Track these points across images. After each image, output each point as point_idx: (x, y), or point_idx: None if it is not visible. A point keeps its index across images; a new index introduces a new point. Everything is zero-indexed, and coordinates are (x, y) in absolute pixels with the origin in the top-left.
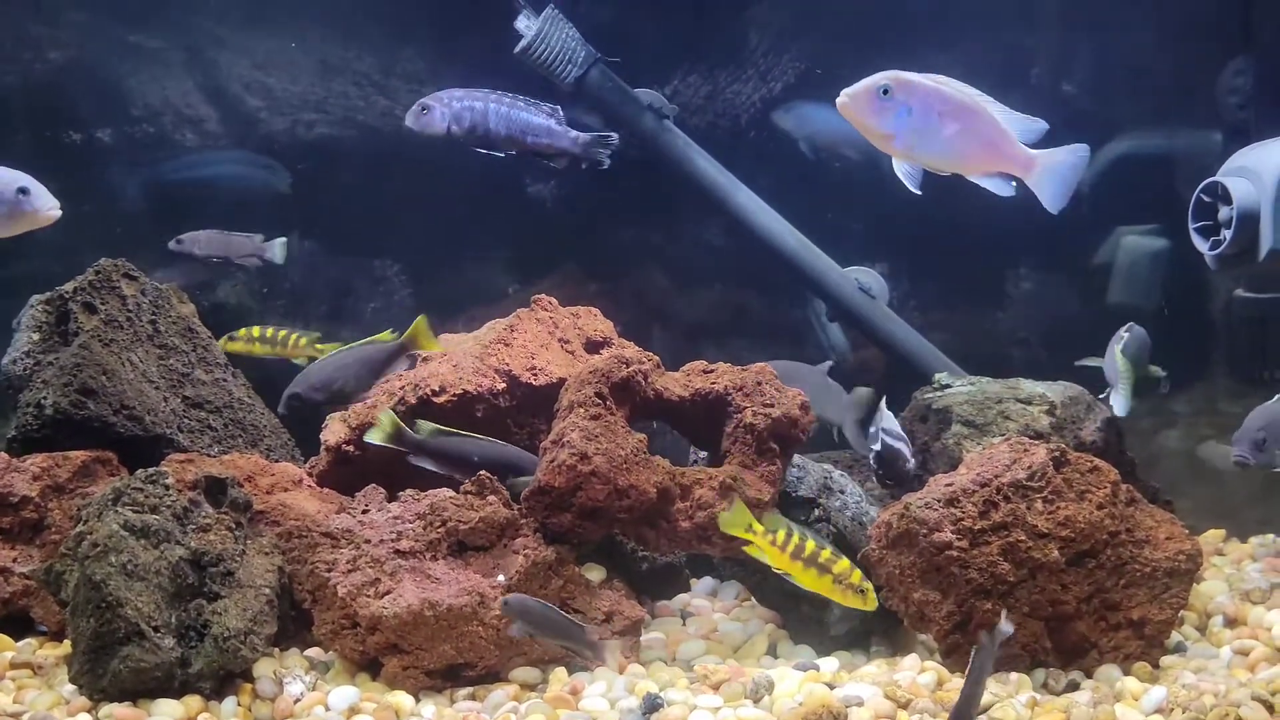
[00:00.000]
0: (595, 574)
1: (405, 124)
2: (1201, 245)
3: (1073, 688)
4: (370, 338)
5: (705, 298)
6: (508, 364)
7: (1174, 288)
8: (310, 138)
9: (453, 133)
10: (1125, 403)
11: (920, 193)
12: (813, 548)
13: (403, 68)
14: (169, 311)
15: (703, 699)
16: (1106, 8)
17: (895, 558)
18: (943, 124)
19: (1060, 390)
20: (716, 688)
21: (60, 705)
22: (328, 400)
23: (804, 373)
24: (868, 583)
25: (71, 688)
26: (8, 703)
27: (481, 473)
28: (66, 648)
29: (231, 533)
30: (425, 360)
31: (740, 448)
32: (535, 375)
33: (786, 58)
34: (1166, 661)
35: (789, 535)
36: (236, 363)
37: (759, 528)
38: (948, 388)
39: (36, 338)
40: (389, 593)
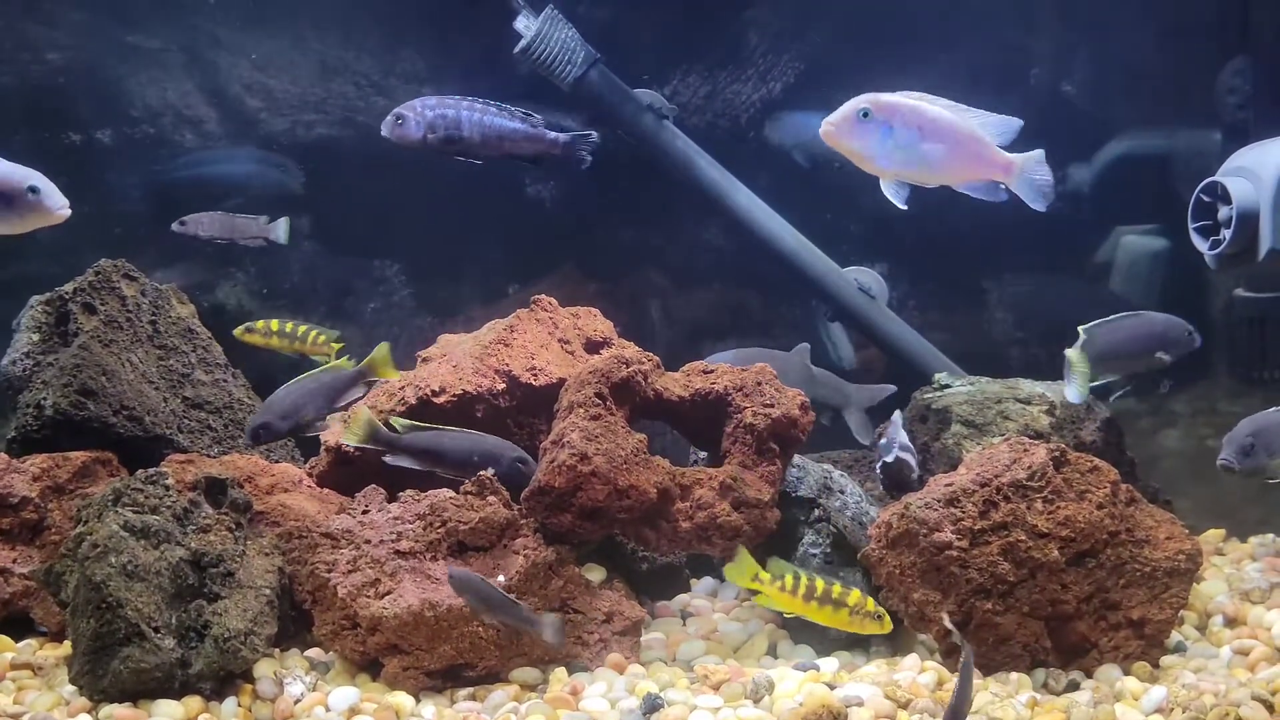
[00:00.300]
0: (595, 574)
1: (381, 134)
2: (1201, 245)
3: (1073, 687)
4: (327, 364)
5: (704, 298)
6: (507, 364)
7: (1174, 287)
8: (310, 138)
9: (428, 141)
10: (1075, 392)
11: (906, 208)
12: (822, 586)
13: (402, 68)
14: (169, 312)
15: (703, 699)
16: (1105, 7)
17: (895, 558)
18: (924, 140)
19: (1060, 390)
20: (717, 688)
21: (60, 706)
22: (293, 430)
23: (779, 360)
24: (880, 607)
25: (72, 688)
26: (8, 703)
27: (481, 473)
28: (67, 648)
29: (231, 533)
30: (425, 360)
31: (740, 448)
32: (535, 375)
33: (786, 58)
34: (1166, 661)
35: (796, 579)
36: (242, 356)
37: (765, 576)
38: (947, 388)
39: (36, 338)
40: (389, 593)
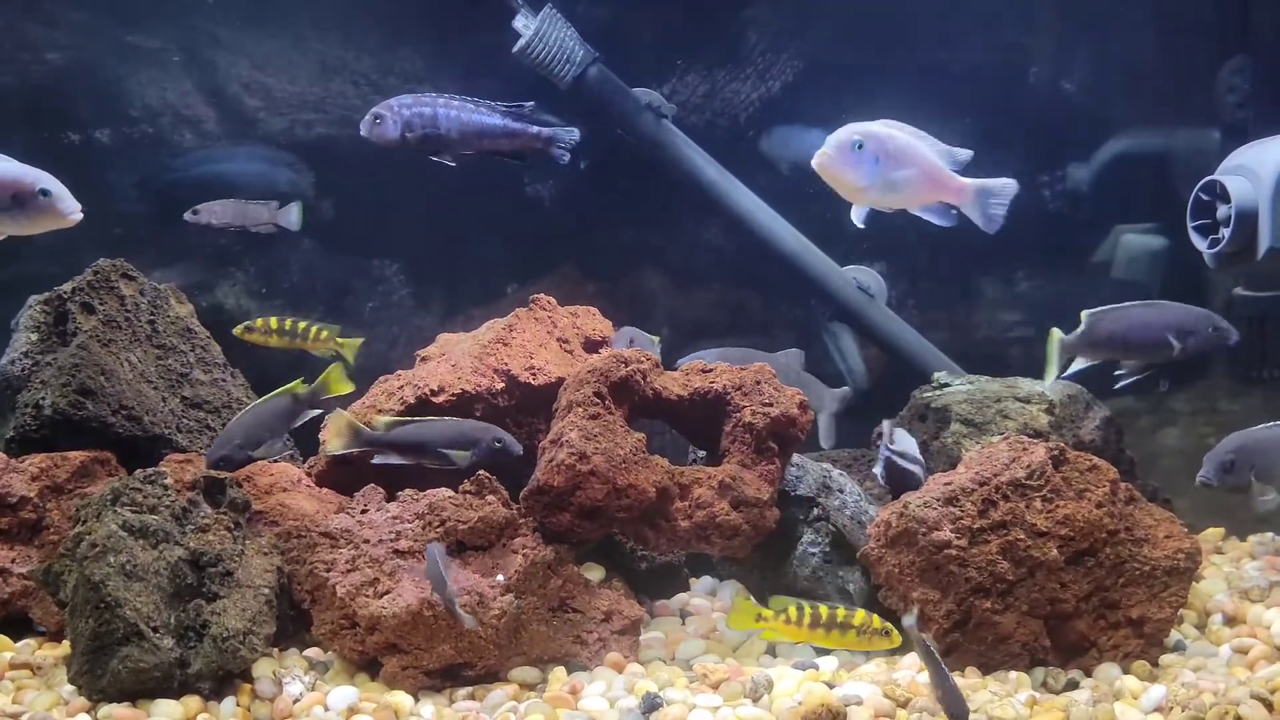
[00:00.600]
0: (594, 573)
1: (360, 134)
2: (1200, 244)
3: (1072, 686)
4: (281, 388)
5: (704, 297)
6: (506, 364)
7: (1172, 286)
8: (309, 138)
9: (406, 139)
10: (1047, 379)
11: (864, 227)
12: (826, 612)
13: (401, 67)
14: (167, 311)
15: (702, 698)
16: (1105, 6)
17: (894, 556)
18: (900, 168)
19: (1059, 389)
20: (716, 687)
21: (59, 706)
22: (250, 458)
23: (770, 361)
24: (887, 622)
25: (70, 688)
26: (7, 703)
27: (480, 473)
28: (65, 648)
29: (230, 533)
30: (424, 360)
31: (739, 447)
32: (534, 375)
33: (785, 56)
34: (1166, 660)
35: (800, 610)
36: (240, 355)
37: (768, 613)
38: (946, 386)
39: (35, 338)
40: (388, 592)
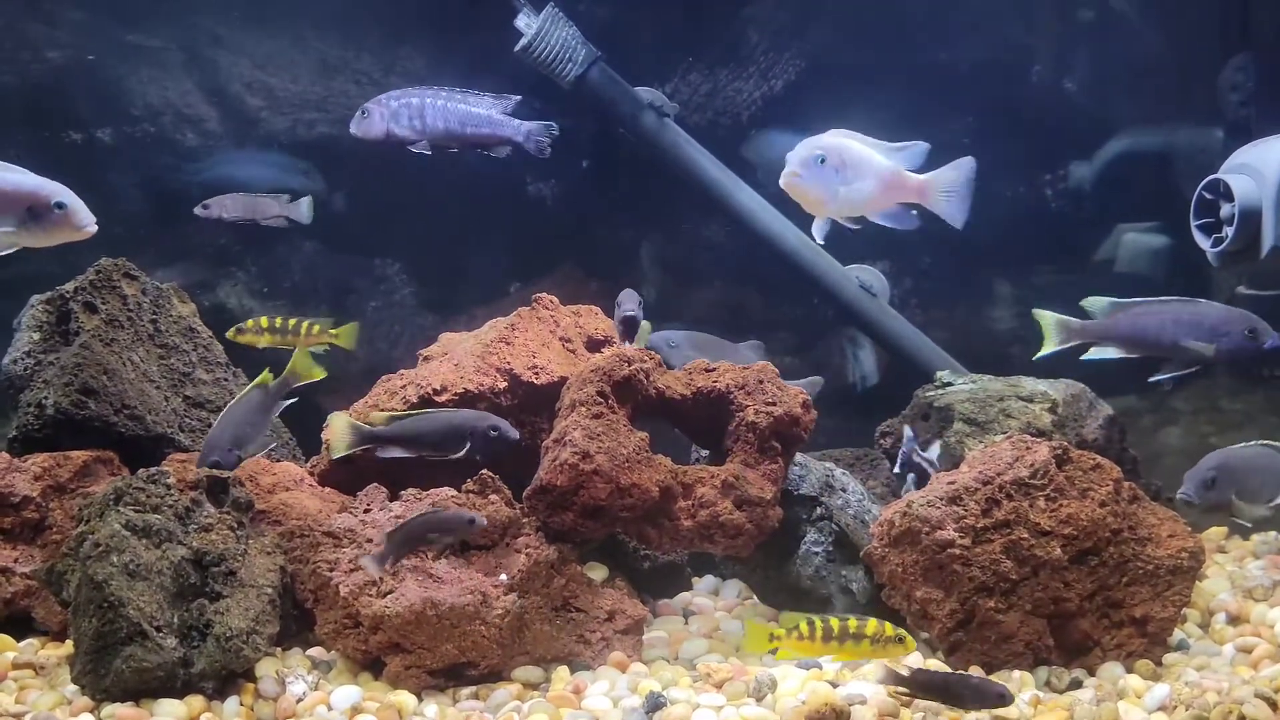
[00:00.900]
0: (598, 573)
1: (350, 130)
2: (1203, 242)
3: (1076, 685)
4: (250, 384)
5: (706, 296)
6: (509, 363)
7: (1175, 285)
8: (310, 137)
9: (393, 132)
10: (1043, 354)
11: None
12: (838, 625)
13: (402, 66)
14: (170, 311)
15: (705, 697)
16: (1107, 5)
17: (898, 556)
18: (859, 177)
19: (1062, 388)
20: (719, 686)
21: (63, 705)
22: (241, 458)
23: (727, 350)
24: (900, 629)
25: (74, 688)
26: (10, 703)
27: (484, 472)
28: (68, 648)
29: (233, 532)
30: (426, 359)
31: (742, 446)
32: (537, 374)
33: (787, 55)
34: (1169, 659)
35: (811, 625)
36: (242, 355)
37: (780, 632)
38: (949, 385)
39: (37, 337)
40: (391, 592)
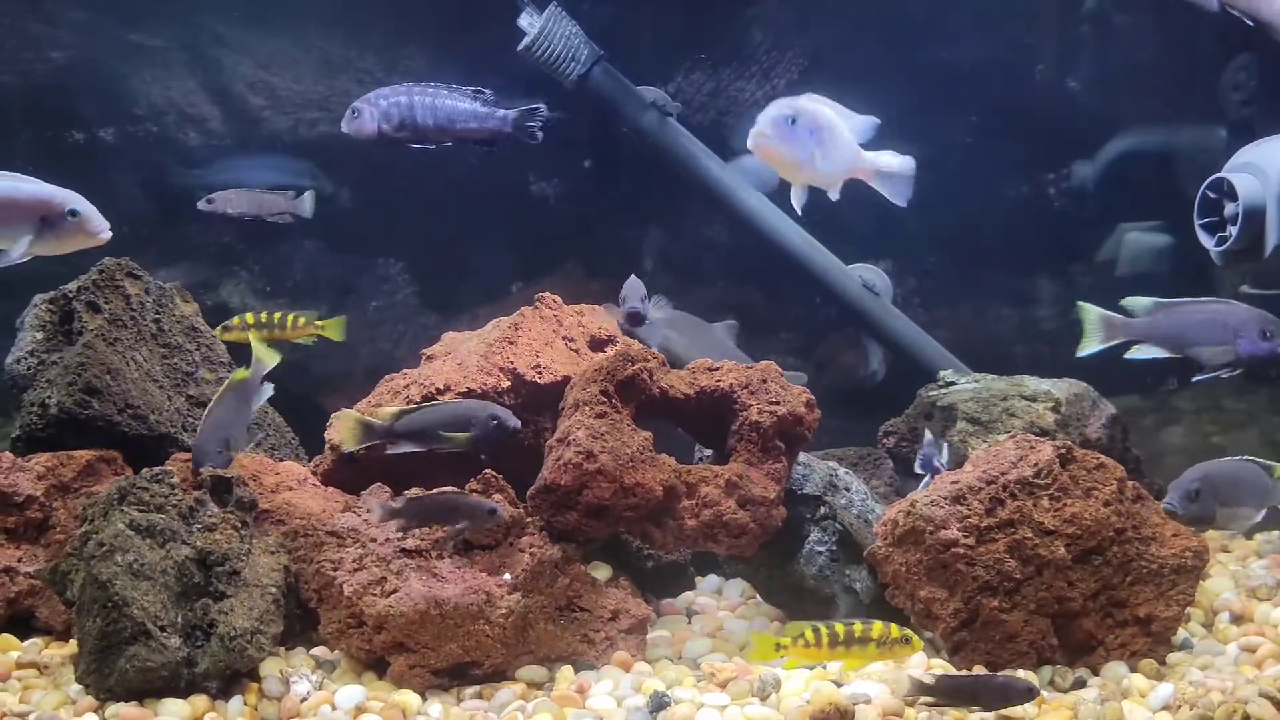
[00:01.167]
0: (601, 572)
1: (342, 130)
2: (1207, 241)
3: (1080, 685)
4: (226, 383)
5: (709, 295)
6: (512, 362)
7: (1178, 284)
8: (313, 136)
9: (384, 131)
10: (1086, 352)
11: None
12: (843, 630)
13: (405, 65)
14: (172, 310)
15: (710, 697)
16: (1110, 3)
17: (901, 555)
18: (831, 142)
19: (1065, 387)
20: (723, 685)
21: (67, 705)
22: (230, 458)
23: (703, 328)
24: (905, 629)
25: (78, 687)
26: (14, 703)
27: (487, 471)
28: (72, 647)
29: (237, 532)
30: (430, 359)
31: (746, 445)
32: (540, 373)
33: (790, 54)
34: (1173, 658)
35: (816, 632)
36: (245, 354)
37: (785, 641)
38: (953, 385)
39: (40, 337)
40: (395, 591)
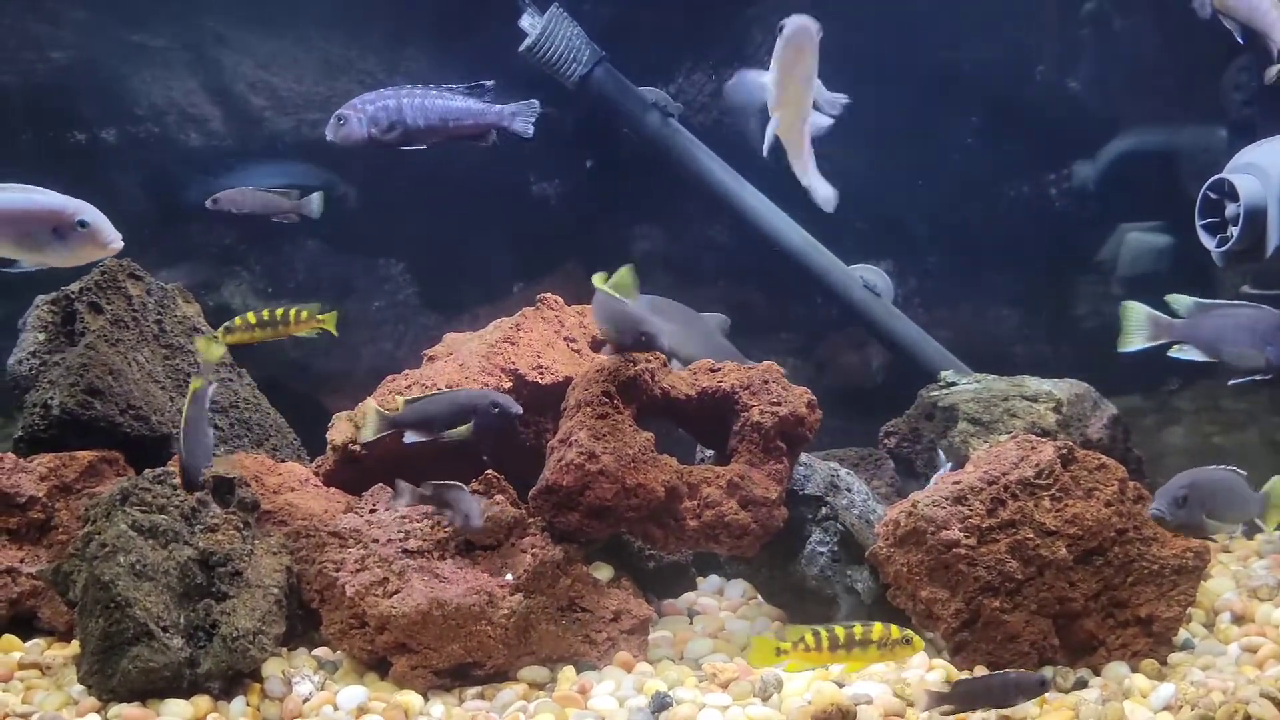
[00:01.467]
0: (603, 572)
1: (327, 138)
2: (1208, 242)
3: (1081, 685)
4: (188, 393)
5: (710, 295)
6: (514, 363)
7: (1179, 284)
8: (314, 137)
9: (373, 136)
10: (1129, 349)
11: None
12: (843, 633)
13: (406, 66)
14: (174, 311)
15: (711, 697)
16: (1111, 4)
17: (903, 556)
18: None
19: (1066, 388)
20: (725, 686)
21: (69, 705)
22: (211, 465)
23: (691, 317)
24: (905, 630)
25: (80, 688)
26: (16, 703)
27: (488, 471)
28: (75, 648)
29: (239, 532)
30: (431, 359)
31: (747, 446)
32: (541, 374)
33: None
34: (1174, 659)
35: (816, 636)
36: (246, 355)
37: (786, 645)
38: (954, 385)
39: (42, 338)
40: (397, 592)
